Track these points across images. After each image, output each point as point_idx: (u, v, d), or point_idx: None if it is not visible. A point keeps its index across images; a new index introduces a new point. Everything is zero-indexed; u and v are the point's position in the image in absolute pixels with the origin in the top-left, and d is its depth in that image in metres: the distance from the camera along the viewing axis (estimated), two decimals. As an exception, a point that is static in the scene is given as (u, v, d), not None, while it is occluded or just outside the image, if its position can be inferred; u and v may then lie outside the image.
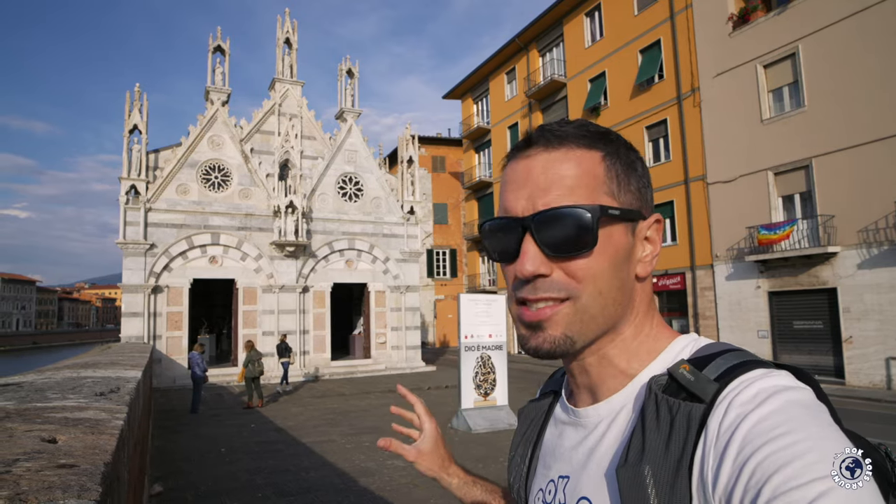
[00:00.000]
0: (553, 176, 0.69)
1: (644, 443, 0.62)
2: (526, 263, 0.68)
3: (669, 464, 0.60)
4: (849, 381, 14.53)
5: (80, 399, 1.94)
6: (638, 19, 21.46)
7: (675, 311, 19.87)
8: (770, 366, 0.63)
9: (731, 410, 0.58)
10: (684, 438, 0.60)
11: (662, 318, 0.77)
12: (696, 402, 0.61)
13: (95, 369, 3.68)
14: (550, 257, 0.68)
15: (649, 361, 0.72)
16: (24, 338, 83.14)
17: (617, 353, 0.73)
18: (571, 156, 0.70)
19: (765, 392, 0.57)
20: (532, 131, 0.74)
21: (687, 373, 0.64)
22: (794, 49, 15.96)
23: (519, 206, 0.70)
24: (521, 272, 0.69)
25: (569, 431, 0.79)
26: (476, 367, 10.58)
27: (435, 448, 1.12)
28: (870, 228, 14.18)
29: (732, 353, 0.66)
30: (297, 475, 7.54)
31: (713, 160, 18.26)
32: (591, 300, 0.68)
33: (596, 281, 0.68)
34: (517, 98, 28.60)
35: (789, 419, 0.54)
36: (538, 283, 0.69)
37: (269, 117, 20.49)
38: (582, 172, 0.69)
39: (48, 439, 1.16)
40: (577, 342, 0.70)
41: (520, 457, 0.90)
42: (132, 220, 17.37)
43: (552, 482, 0.78)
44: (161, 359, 17.13)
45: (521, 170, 0.72)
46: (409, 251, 21.84)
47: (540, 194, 0.69)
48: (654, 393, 0.65)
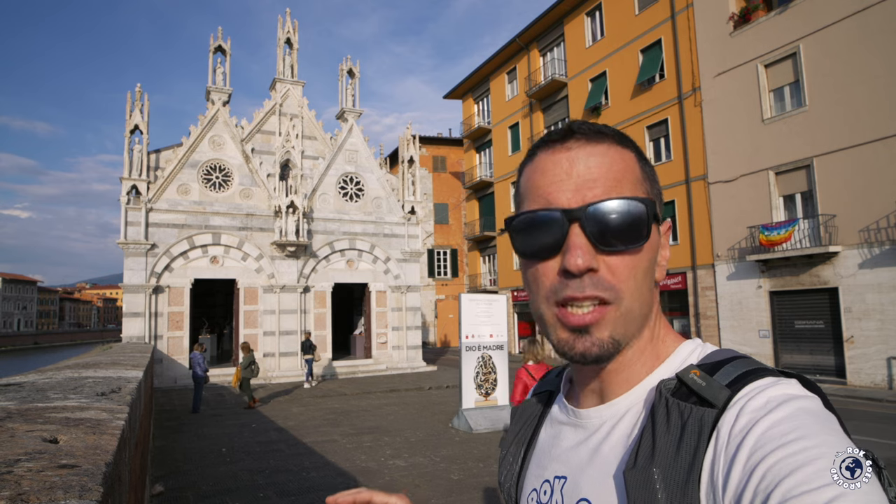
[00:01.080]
0: (599, 169, 0.68)
1: (654, 446, 0.62)
2: (577, 257, 0.65)
3: (680, 467, 0.60)
4: (850, 380, 14.51)
5: (82, 399, 1.94)
6: (639, 19, 21.45)
7: (676, 311, 19.86)
8: (779, 374, 0.63)
9: (743, 416, 0.58)
10: (696, 442, 0.60)
11: (667, 322, 0.77)
12: (708, 407, 0.61)
13: (96, 369, 3.68)
14: (600, 251, 0.66)
15: (656, 365, 0.72)
16: (26, 338, 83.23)
17: (635, 357, 0.72)
18: (613, 151, 0.70)
19: (776, 400, 0.58)
20: (566, 125, 0.73)
21: (698, 378, 0.64)
22: (795, 49, 15.94)
23: (564, 197, 0.67)
24: (573, 266, 0.65)
25: (567, 432, 0.78)
26: (477, 367, 10.58)
27: None
28: (871, 228, 14.17)
29: (741, 360, 0.66)
30: (299, 475, 7.55)
31: (714, 160, 18.25)
32: (632, 300, 0.67)
33: (636, 279, 0.67)
34: (518, 98, 28.59)
35: (800, 426, 0.55)
36: (586, 279, 0.65)
37: (270, 117, 20.50)
38: (625, 168, 0.69)
39: (49, 439, 1.16)
40: (621, 344, 0.68)
41: (512, 456, 0.89)
42: (133, 220, 17.39)
43: (547, 482, 0.78)
44: (162, 359, 17.16)
45: (562, 161, 0.69)
46: (410, 251, 21.85)
47: (589, 186, 0.67)
48: (665, 397, 0.65)
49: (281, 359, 19.14)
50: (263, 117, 20.32)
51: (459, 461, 8.07)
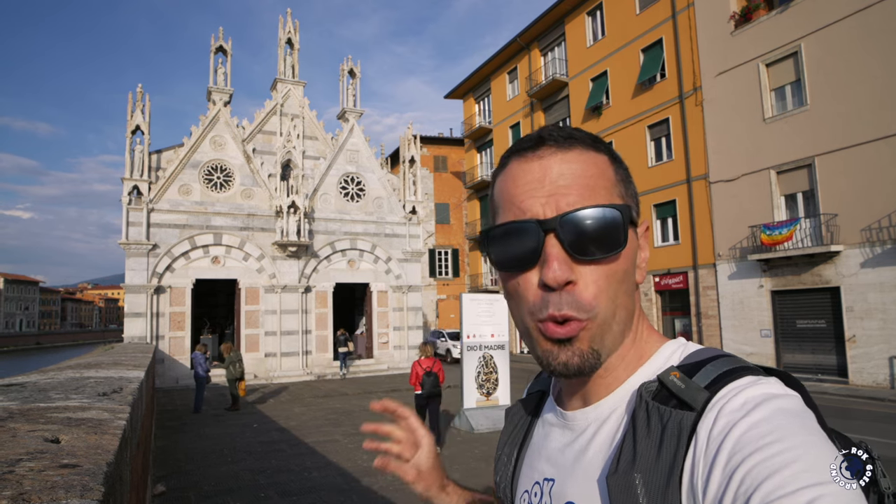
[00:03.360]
0: (573, 176, 0.67)
1: (635, 451, 0.62)
2: (555, 270, 0.63)
3: (660, 472, 0.59)
4: (852, 380, 14.48)
5: (83, 399, 1.94)
6: (640, 18, 21.43)
7: (677, 311, 19.85)
8: (759, 372, 0.63)
9: (721, 419, 0.58)
10: (675, 447, 0.59)
11: (650, 322, 0.77)
12: (687, 411, 0.61)
13: (98, 369, 3.68)
14: (576, 260, 0.65)
15: (638, 367, 0.72)
16: (28, 338, 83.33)
17: (616, 360, 0.72)
18: (585, 157, 0.69)
19: (753, 400, 0.58)
20: (536, 133, 0.72)
21: (677, 380, 0.63)
22: (797, 48, 15.92)
23: (538, 207, 0.66)
24: (550, 280, 0.64)
25: (556, 433, 0.78)
26: (478, 367, 10.58)
27: (434, 465, 1.01)
28: (873, 227, 14.14)
29: (722, 359, 0.65)
30: (300, 475, 7.55)
31: (715, 159, 18.23)
32: (608, 311, 0.66)
33: (614, 286, 0.66)
34: (519, 97, 28.58)
35: (777, 427, 0.54)
36: (564, 295, 0.64)
37: (271, 117, 20.52)
38: (598, 173, 0.68)
39: (51, 439, 1.16)
40: (602, 355, 0.67)
41: (506, 457, 0.89)
42: (135, 220, 17.41)
43: (537, 484, 0.78)
44: (164, 359, 17.18)
45: (534, 170, 0.68)
46: (411, 251, 21.85)
47: (563, 194, 0.66)
48: (645, 401, 0.64)
49: (282, 359, 19.16)
50: (265, 117, 20.34)
51: (461, 461, 8.07)
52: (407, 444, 1.02)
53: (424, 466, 1.01)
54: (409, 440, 1.02)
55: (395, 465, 1.01)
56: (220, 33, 19.44)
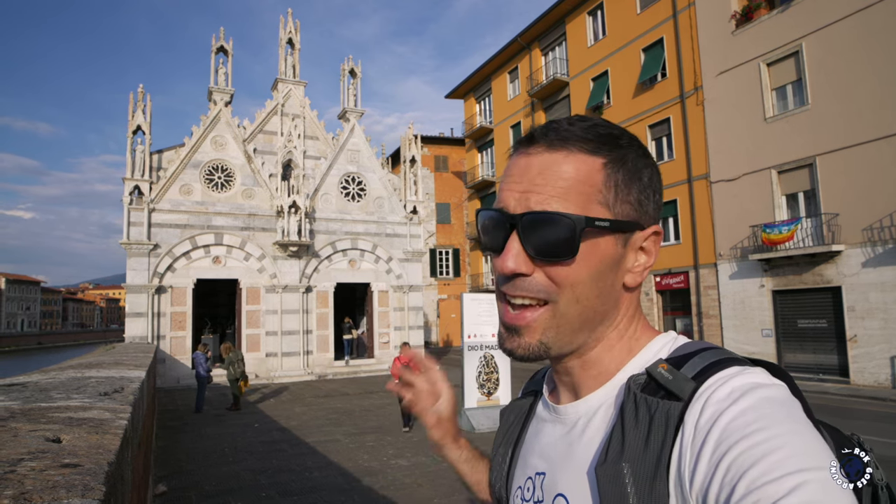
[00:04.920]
0: (549, 177, 0.68)
1: (623, 441, 0.63)
2: (508, 260, 0.68)
3: (648, 462, 0.60)
4: (853, 380, 14.47)
5: (85, 399, 1.94)
6: (640, 18, 21.41)
7: (678, 310, 19.84)
8: (746, 363, 0.64)
9: (707, 408, 0.59)
10: (662, 437, 0.60)
11: (647, 321, 0.77)
12: (674, 401, 0.62)
13: (99, 369, 3.69)
14: (533, 258, 0.68)
15: (627, 360, 0.73)
16: (29, 338, 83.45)
17: (603, 353, 0.73)
18: (572, 159, 0.69)
19: (739, 390, 0.59)
20: (537, 127, 0.73)
21: (665, 371, 0.65)
22: (798, 47, 15.90)
23: (511, 201, 0.70)
24: (501, 268, 0.69)
25: (548, 428, 0.80)
26: (479, 367, 10.58)
27: (451, 417, 1.09)
28: (874, 227, 14.12)
29: (710, 351, 0.67)
30: (301, 475, 7.55)
31: (716, 159, 18.22)
32: (568, 307, 0.68)
33: (574, 288, 0.68)
34: (520, 97, 28.57)
35: (763, 416, 0.55)
36: (518, 281, 0.69)
37: (272, 117, 20.53)
38: (579, 178, 0.68)
39: (52, 439, 1.17)
40: (551, 349, 0.70)
41: (501, 456, 0.91)
42: (136, 220, 17.42)
43: (530, 479, 0.79)
44: (165, 359, 17.19)
45: (521, 165, 0.71)
46: (412, 251, 21.85)
47: (533, 193, 0.68)
48: (633, 392, 0.65)
49: (283, 358, 19.17)
50: (265, 117, 20.35)
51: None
52: (428, 393, 1.08)
53: (445, 414, 1.08)
54: (430, 391, 1.08)
55: (420, 408, 1.07)
56: (220, 33, 19.45)
